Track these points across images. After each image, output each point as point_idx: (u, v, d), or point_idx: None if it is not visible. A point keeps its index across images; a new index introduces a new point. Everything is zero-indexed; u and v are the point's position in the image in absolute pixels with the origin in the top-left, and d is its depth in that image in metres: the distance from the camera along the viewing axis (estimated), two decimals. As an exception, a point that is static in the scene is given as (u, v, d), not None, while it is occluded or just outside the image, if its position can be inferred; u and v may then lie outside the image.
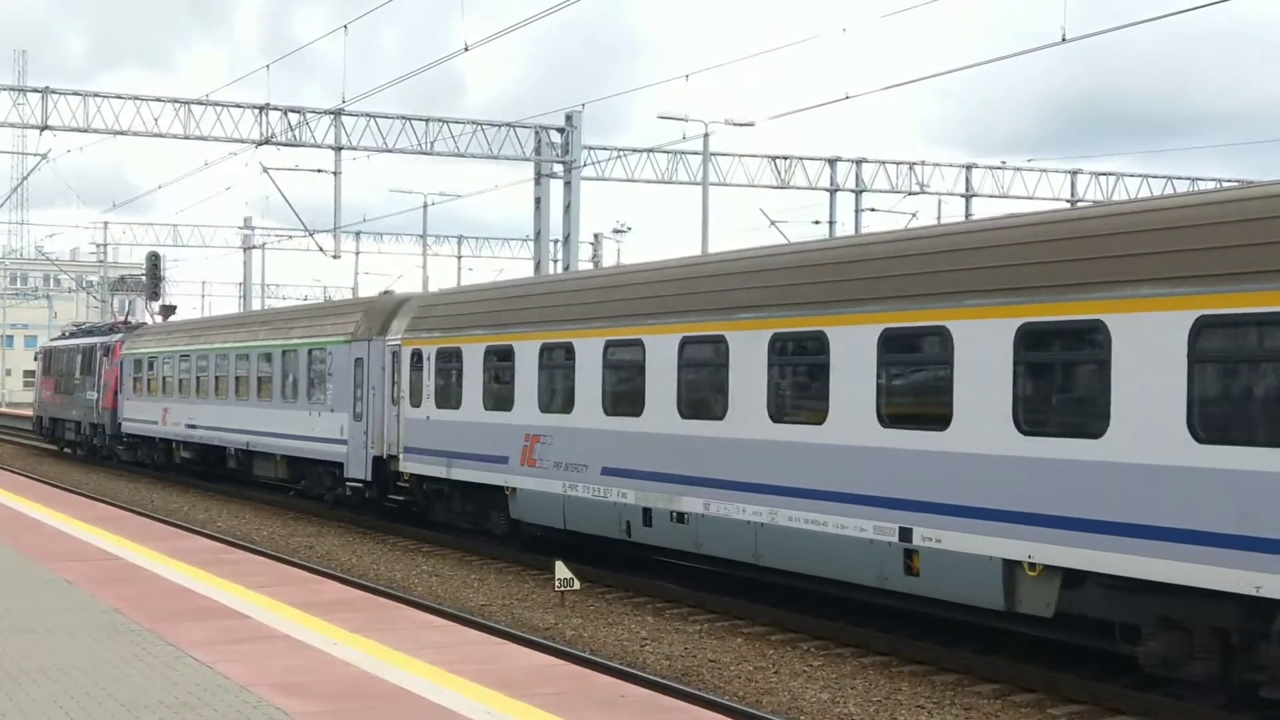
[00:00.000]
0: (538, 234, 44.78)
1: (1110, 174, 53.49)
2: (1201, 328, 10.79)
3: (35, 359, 51.04)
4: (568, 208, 43.95)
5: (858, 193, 50.56)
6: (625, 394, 18.20)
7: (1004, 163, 52.32)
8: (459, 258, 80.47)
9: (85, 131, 40.03)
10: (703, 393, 16.67)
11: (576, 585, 17.57)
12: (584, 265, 56.80)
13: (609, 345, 18.45)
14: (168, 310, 65.93)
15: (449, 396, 22.66)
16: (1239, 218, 10.85)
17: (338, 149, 41.92)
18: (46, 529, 19.20)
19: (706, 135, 42.71)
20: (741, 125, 42.59)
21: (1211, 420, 10.80)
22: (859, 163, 50.69)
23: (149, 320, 48.97)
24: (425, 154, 43.23)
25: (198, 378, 34.69)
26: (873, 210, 50.60)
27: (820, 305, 14.72)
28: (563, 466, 19.44)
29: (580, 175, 43.93)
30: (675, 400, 17.07)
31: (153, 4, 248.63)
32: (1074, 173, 52.93)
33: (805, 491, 14.85)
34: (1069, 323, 11.95)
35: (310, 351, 28.13)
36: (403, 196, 67.37)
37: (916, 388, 13.89)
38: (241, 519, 28.61)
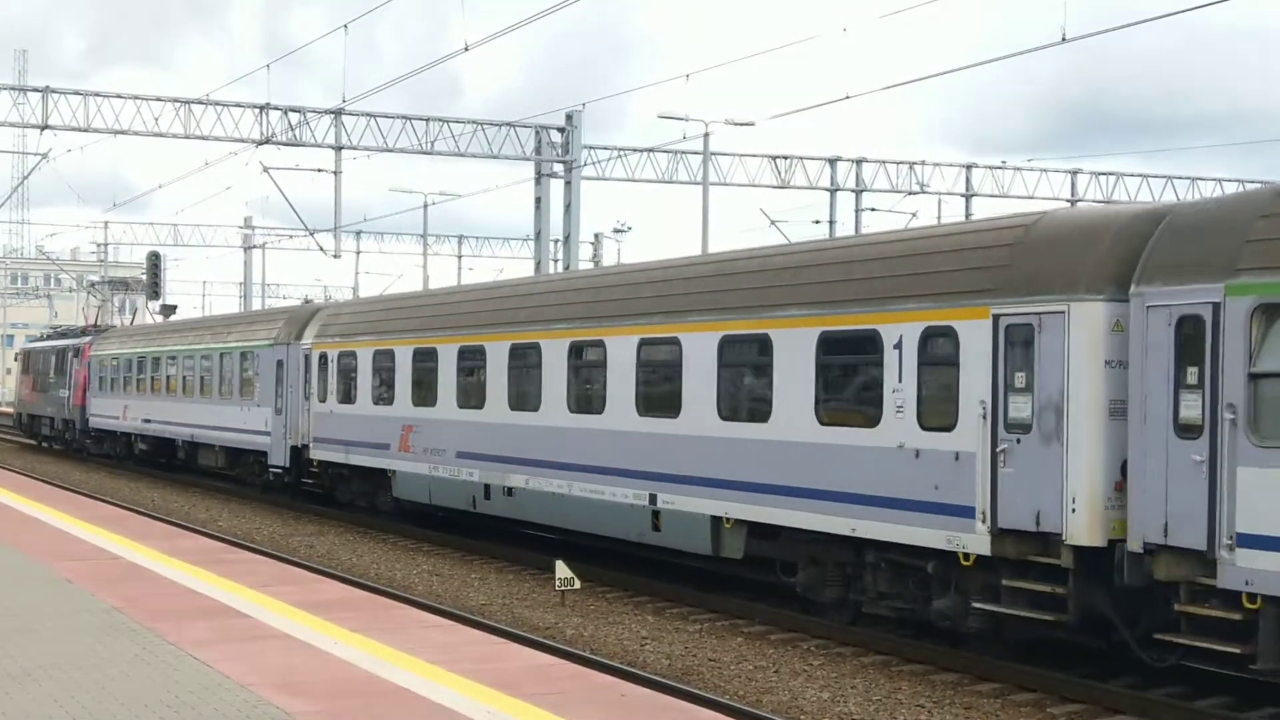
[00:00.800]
0: (538, 234, 44.79)
1: (1110, 174, 53.49)
2: (824, 339, 15.04)
3: (15, 360, 53.69)
4: (568, 207, 43.95)
5: (858, 192, 50.55)
6: (472, 391, 21.94)
7: (1004, 162, 52.33)
8: (459, 257, 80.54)
9: (85, 131, 40.02)
10: (526, 389, 20.42)
11: (577, 584, 17.58)
12: (584, 264, 56.80)
13: (461, 350, 22.17)
14: (168, 310, 65.98)
15: (347, 393, 26.26)
16: (842, 260, 15.45)
17: (338, 148, 41.91)
18: (47, 528, 19.21)
19: (707, 135, 42.72)
20: (742, 125, 42.60)
21: (827, 409, 15.08)
22: (859, 162, 50.69)
23: (151, 319, 52.27)
24: (425, 154, 43.22)
25: (152, 377, 38.43)
26: (873, 210, 50.60)
27: (596, 320, 19.23)
28: (429, 452, 23.02)
29: (580, 175, 43.93)
30: (506, 396, 20.87)
31: (149, 2, 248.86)
32: (1074, 172, 52.93)
33: (591, 468, 18.83)
34: (751, 335, 16.22)
35: (241, 354, 31.88)
36: (403, 196, 67.40)
37: (658, 385, 17.93)
38: (242, 518, 28.62)
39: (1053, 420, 12.39)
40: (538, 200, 44.35)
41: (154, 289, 63.20)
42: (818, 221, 52.35)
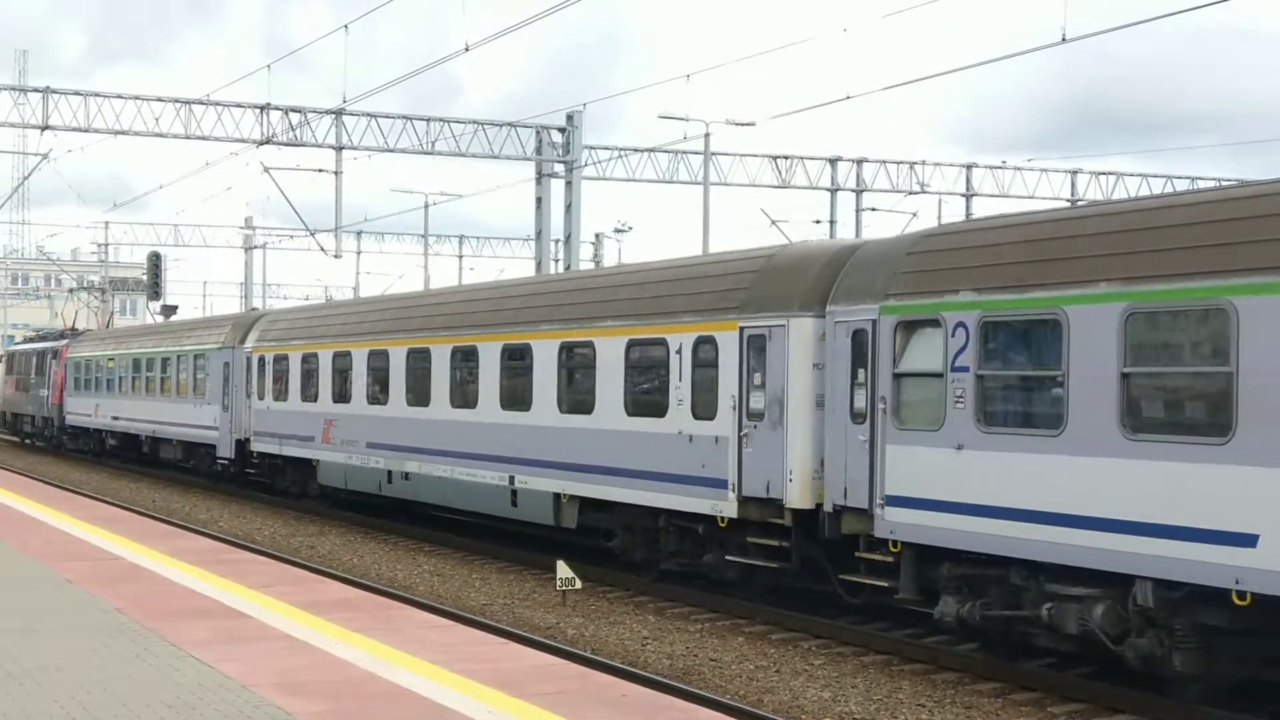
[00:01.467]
0: (539, 233, 44.79)
1: (1110, 173, 53.50)
2: (630, 345, 18.37)
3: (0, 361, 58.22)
4: (569, 207, 43.95)
5: (858, 192, 50.55)
6: (379, 390, 25.29)
7: (1004, 162, 52.33)
8: (460, 257, 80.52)
9: (86, 131, 40.03)
10: (420, 388, 23.68)
11: (578, 584, 17.59)
12: (585, 265, 56.81)
13: (370, 354, 25.73)
14: (169, 310, 66.03)
15: (281, 392, 29.57)
16: (642, 281, 19.04)
17: (339, 149, 41.92)
18: (48, 529, 19.22)
19: (707, 135, 42.71)
20: (742, 125, 42.59)
21: (633, 402, 18.32)
22: (860, 162, 50.69)
23: (152, 319, 54.95)
24: (426, 154, 43.23)
25: (119, 378, 41.79)
26: (873, 210, 50.60)
27: (471, 329, 22.53)
28: (345, 443, 26.43)
29: (581, 175, 43.94)
30: (405, 394, 24.23)
31: (147, 1, 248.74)
32: (1074, 172, 52.93)
33: (467, 455, 22.02)
34: (583, 342, 19.52)
35: (195, 357, 35.20)
36: (404, 196, 67.48)
37: (517, 384, 20.98)
38: (243, 519, 28.63)
39: (777, 411, 15.73)
40: (538, 200, 44.35)
41: (155, 289, 63.26)
42: (818, 221, 52.37)
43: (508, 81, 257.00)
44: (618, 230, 76.92)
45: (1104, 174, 53.36)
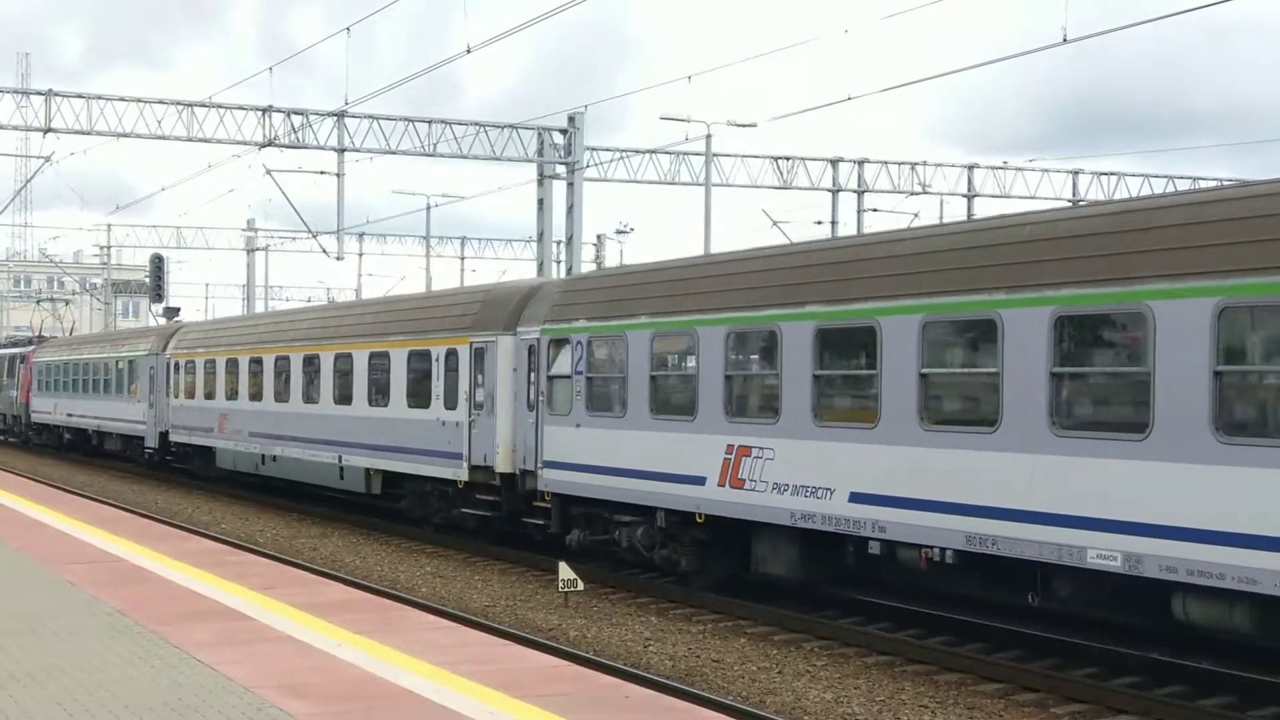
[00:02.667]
0: (541, 235, 44.81)
1: (1111, 174, 53.50)
2: (410, 355, 24.14)
3: None
4: (570, 209, 43.97)
5: (860, 193, 50.56)
6: (257, 389, 31.22)
7: (1006, 163, 52.32)
8: (462, 259, 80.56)
9: (88, 134, 40.06)
10: (284, 387, 29.68)
11: (580, 586, 17.58)
12: (587, 266, 56.82)
13: (250, 360, 31.79)
14: (171, 312, 66.03)
15: (190, 391, 35.61)
16: (418, 305, 25.69)
17: (340, 151, 41.95)
18: (50, 531, 19.23)
19: (709, 136, 42.73)
20: (744, 126, 42.63)
21: (411, 397, 24.03)
22: (861, 163, 50.69)
23: (154, 321, 58.26)
24: (428, 155, 43.26)
25: (72, 379, 47.49)
26: (875, 210, 50.60)
27: (314, 340, 28.63)
28: (234, 432, 32.44)
29: (583, 176, 43.95)
30: (273, 391, 30.27)
31: (145, 3, 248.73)
32: (1075, 173, 52.93)
33: (313, 440, 28.11)
34: (381, 351, 25.48)
35: (130, 362, 40.86)
36: (406, 198, 67.57)
37: (343, 384, 26.92)
38: (245, 521, 28.64)
39: (491, 403, 21.58)
40: (540, 202, 44.38)
41: (157, 292, 63.28)
42: (820, 222, 52.39)
43: (508, 82, 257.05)
44: (620, 231, 76.93)
45: (1105, 174, 53.37)
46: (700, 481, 16.87)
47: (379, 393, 25.38)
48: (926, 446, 13.79)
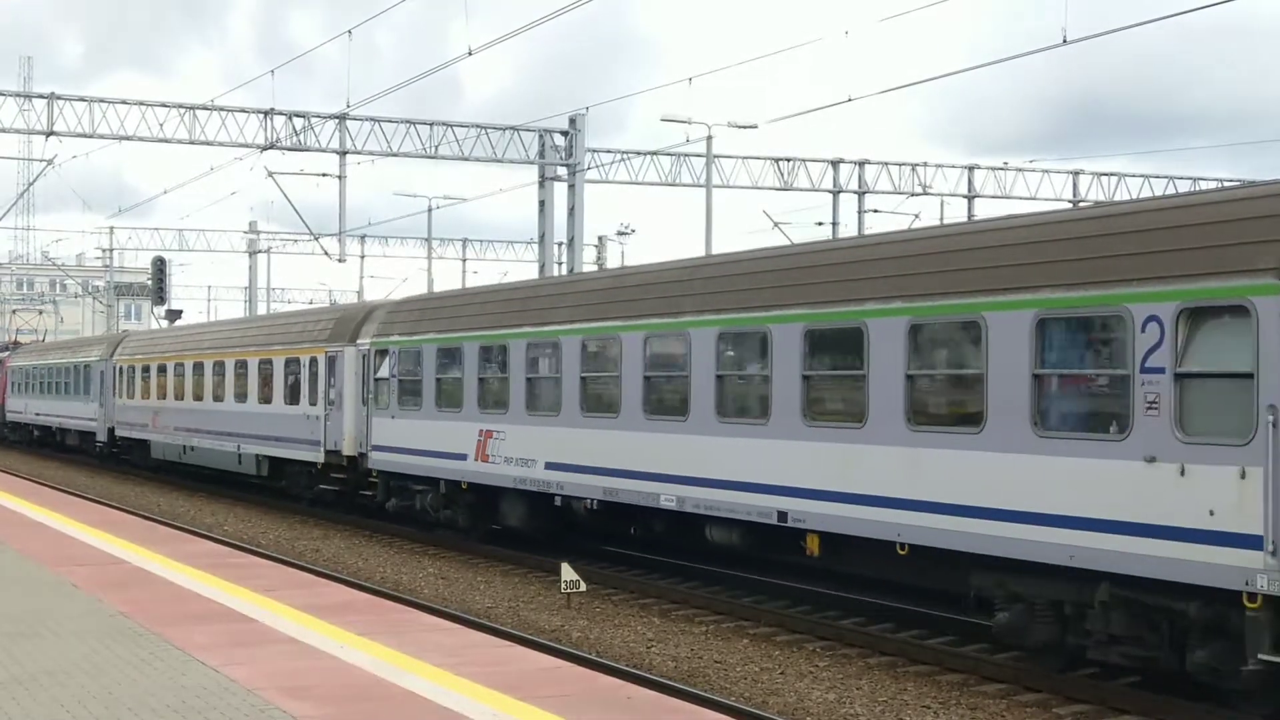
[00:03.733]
0: (542, 236, 44.83)
1: (1112, 174, 53.48)
2: (287, 362, 29.71)
3: None
4: (571, 210, 43.97)
5: (860, 194, 50.55)
6: (181, 389, 37.09)
7: (1006, 164, 52.32)
8: (464, 260, 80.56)
9: (91, 137, 40.09)
10: (199, 389, 35.52)
11: (582, 587, 17.58)
12: (589, 267, 56.84)
13: (175, 365, 37.84)
14: (173, 314, 66.02)
15: (132, 392, 41.59)
16: (283, 322, 32.37)
17: (342, 153, 41.97)
18: (53, 533, 19.24)
19: (710, 138, 42.73)
20: (744, 127, 42.62)
21: (288, 396, 29.73)
22: (862, 164, 50.68)
23: (156, 324, 62.96)
24: (429, 158, 43.28)
25: (39, 382, 53.86)
26: (875, 211, 50.59)
27: (216, 350, 35.29)
28: (164, 427, 38.30)
29: (584, 178, 43.96)
30: (190, 392, 36.24)
31: (144, 7, 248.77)
32: (1075, 173, 52.90)
33: (218, 433, 33.96)
34: (267, 360, 31.14)
35: (85, 366, 47.07)
36: (408, 200, 67.56)
37: (236, 384, 32.93)
38: (248, 523, 28.66)
39: (340, 400, 27.22)
40: (541, 203, 44.40)
41: (159, 294, 63.31)
42: (820, 223, 52.38)
43: (508, 83, 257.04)
44: (620, 233, 76.95)
45: (1105, 175, 53.34)
46: (464, 458, 22.72)
47: (265, 393, 31.29)
48: (583, 428, 19.54)
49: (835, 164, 50.28)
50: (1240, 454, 10.58)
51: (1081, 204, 49.23)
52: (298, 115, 41.57)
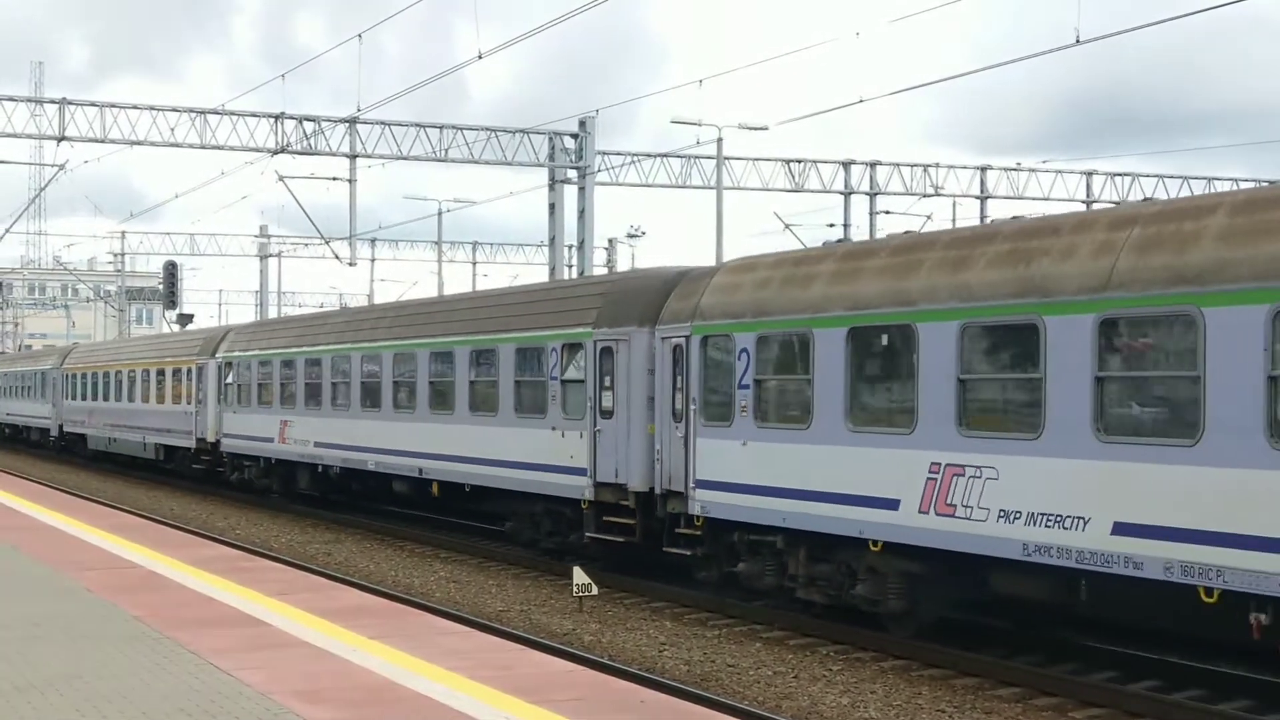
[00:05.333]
0: (552, 239, 44.82)
1: (1126, 174, 53.32)
2: (160, 372, 40.24)
3: None
4: (582, 213, 43.95)
5: (872, 195, 50.46)
6: (103, 392, 45.30)
7: (1019, 164, 52.18)
8: (474, 264, 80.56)
9: (102, 142, 40.16)
10: (119, 392, 43.17)
11: (594, 590, 17.54)
12: (599, 270, 56.84)
13: (99, 374, 45.82)
14: (184, 319, 66.12)
15: (75, 395, 50.35)
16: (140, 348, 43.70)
17: (352, 157, 41.99)
18: (66, 537, 19.27)
19: (720, 139, 42.71)
20: (755, 129, 42.60)
21: (158, 396, 39.93)
22: (873, 165, 50.59)
23: (168, 328, 66.30)
24: (439, 161, 43.30)
25: (8, 385, 64.22)
26: (888, 213, 50.49)
27: (128, 358, 44.84)
28: (97, 424, 46.56)
29: (594, 180, 43.94)
30: (114, 395, 43.74)
31: (150, 13, 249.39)
32: (1089, 174, 52.76)
33: (130, 427, 42.08)
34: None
35: (42, 374, 56.36)
36: (418, 203, 67.45)
37: (136, 388, 41.73)
38: (260, 527, 28.69)
39: (205, 400, 35.77)
40: (552, 206, 44.38)
41: (171, 299, 63.43)
42: (832, 225, 52.30)
43: (518, 86, 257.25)
44: (631, 235, 76.91)
45: (1119, 175, 53.20)
46: (271, 441, 31.17)
47: (159, 394, 39.36)
48: (330, 417, 28.33)
49: (847, 165, 50.21)
50: (584, 425, 19.43)
51: (1096, 204, 49.11)
52: (308, 119, 41.62)
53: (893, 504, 13.98)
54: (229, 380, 34.03)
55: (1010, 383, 13.19)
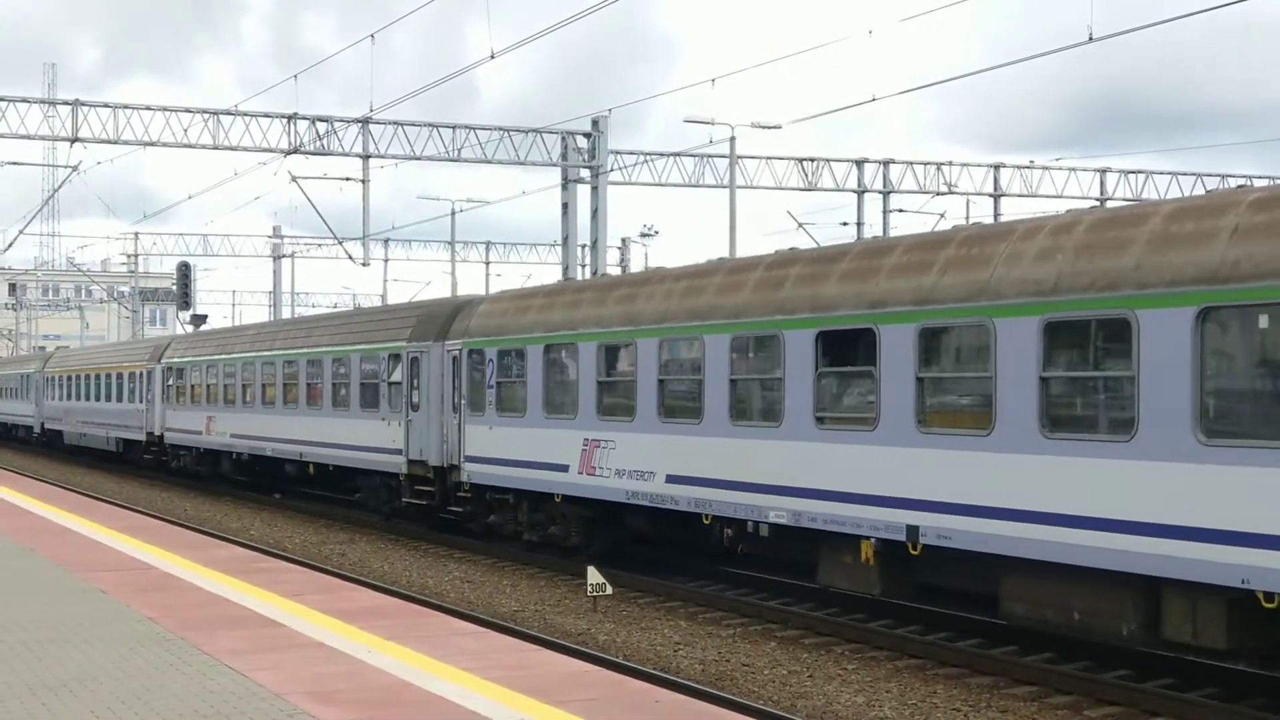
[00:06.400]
0: (565, 239, 44.80)
1: (1139, 172, 53.13)
2: (108, 376, 47.60)
3: None
4: (595, 212, 43.93)
5: (885, 194, 50.37)
6: (77, 393, 51.08)
7: (1032, 162, 52.01)
8: (487, 264, 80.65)
9: (115, 143, 40.23)
10: (86, 392, 49.83)
11: (609, 590, 17.53)
12: (612, 270, 56.86)
13: (69, 376, 52.71)
14: (198, 320, 66.28)
15: (58, 395, 54.94)
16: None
17: (365, 157, 42.02)
18: (80, 538, 19.31)
19: (733, 138, 42.66)
20: (768, 128, 42.52)
21: (107, 395, 47.69)
22: (886, 164, 50.50)
23: (182, 329, 68.64)
24: (452, 160, 43.32)
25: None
26: (901, 211, 50.40)
27: (93, 364, 51.48)
28: (70, 420, 52.28)
29: (607, 180, 43.91)
30: (82, 395, 50.09)
31: (158, 13, 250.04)
32: (1103, 171, 52.59)
33: (95, 423, 48.51)
34: (120, 374, 46.23)
35: (25, 376, 62.34)
36: (431, 203, 67.56)
37: (109, 389, 47.08)
38: (274, 527, 28.72)
39: (154, 398, 42.16)
40: (565, 206, 44.35)
41: (184, 299, 63.56)
42: (845, 223, 52.23)
43: (531, 86, 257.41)
44: (644, 234, 76.88)
45: (1132, 172, 53.02)
46: (199, 434, 37.43)
47: (117, 394, 45.24)
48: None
49: (860, 164, 50.11)
50: (401, 416, 25.26)
51: (1110, 202, 48.93)
52: (321, 120, 41.66)
53: (565, 468, 20.08)
54: (169, 383, 40.27)
55: (619, 385, 19.24)
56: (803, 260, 16.45)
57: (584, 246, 45.47)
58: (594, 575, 17.43)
